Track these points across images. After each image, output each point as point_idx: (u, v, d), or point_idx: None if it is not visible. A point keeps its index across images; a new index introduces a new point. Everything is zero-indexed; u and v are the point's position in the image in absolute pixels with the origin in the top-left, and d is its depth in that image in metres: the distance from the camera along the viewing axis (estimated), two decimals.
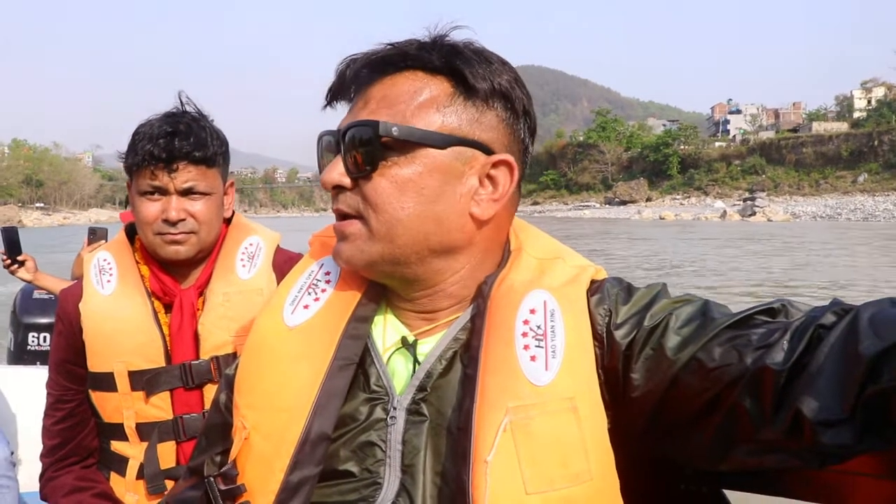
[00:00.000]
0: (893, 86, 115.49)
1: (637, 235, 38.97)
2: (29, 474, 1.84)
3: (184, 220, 1.67)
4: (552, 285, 1.00)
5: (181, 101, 1.74)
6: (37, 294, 4.40)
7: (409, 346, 1.02)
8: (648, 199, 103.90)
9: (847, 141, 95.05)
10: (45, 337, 4.34)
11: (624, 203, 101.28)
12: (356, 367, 1.01)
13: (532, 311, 0.97)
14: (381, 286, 1.07)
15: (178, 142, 1.63)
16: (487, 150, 0.98)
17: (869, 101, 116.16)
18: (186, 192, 1.67)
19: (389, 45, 0.99)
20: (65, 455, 1.75)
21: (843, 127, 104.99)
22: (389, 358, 1.03)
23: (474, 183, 0.99)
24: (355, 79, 0.99)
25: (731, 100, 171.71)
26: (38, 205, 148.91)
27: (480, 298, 1.00)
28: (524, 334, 0.95)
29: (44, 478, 1.77)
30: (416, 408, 0.98)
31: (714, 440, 0.88)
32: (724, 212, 58.67)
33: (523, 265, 1.03)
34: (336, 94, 1.01)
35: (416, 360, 1.01)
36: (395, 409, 0.98)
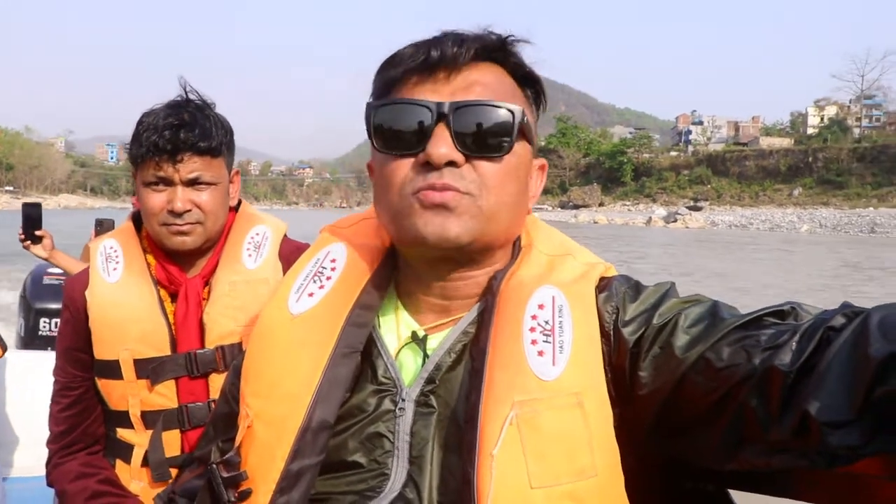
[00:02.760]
0: (844, 105, 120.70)
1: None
2: (38, 458, 1.90)
3: (189, 210, 1.66)
4: (561, 281, 1.01)
5: (184, 90, 1.74)
6: (47, 279, 4.45)
7: (418, 340, 1.02)
8: (601, 204, 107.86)
9: (786, 156, 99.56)
10: (56, 322, 4.27)
11: (577, 207, 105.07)
12: (363, 360, 1.02)
13: (540, 307, 0.97)
14: (388, 274, 1.08)
15: (184, 133, 1.62)
16: (535, 153, 1.05)
17: (822, 119, 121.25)
18: (192, 183, 1.66)
19: (480, 35, 1.00)
20: (71, 441, 1.75)
21: (784, 143, 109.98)
22: (399, 351, 1.03)
23: (528, 180, 1.05)
24: (455, 58, 0.97)
25: (695, 111, 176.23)
26: (7, 188, 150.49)
27: (490, 293, 1.01)
28: (532, 329, 0.95)
29: (50, 463, 1.77)
30: (425, 399, 0.98)
31: (722, 440, 0.88)
32: (650, 218, 62.98)
33: (533, 261, 1.04)
34: (431, 65, 0.97)
35: (425, 354, 1.01)
36: (403, 400, 0.99)
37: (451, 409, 0.97)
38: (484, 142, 0.95)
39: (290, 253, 1.79)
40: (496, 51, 1.00)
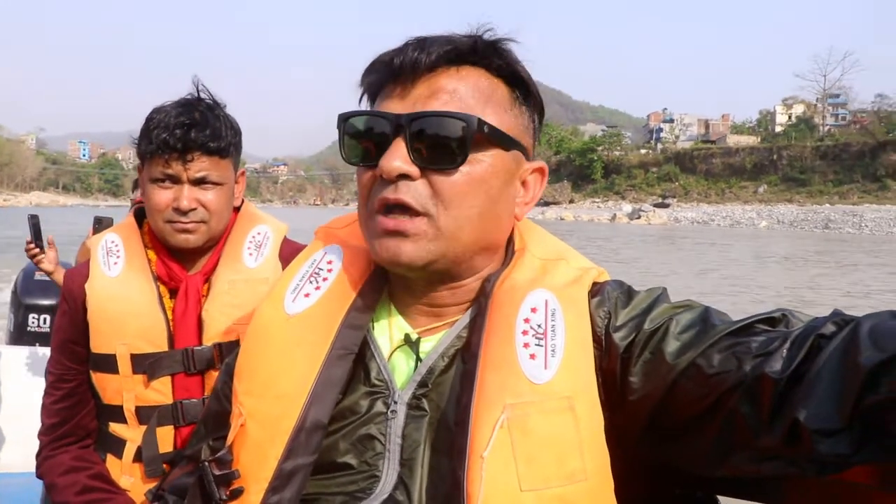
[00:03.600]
0: (811, 104, 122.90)
1: None
2: (25, 455, 1.90)
3: (195, 209, 1.67)
4: (554, 285, 1.00)
5: (196, 88, 1.74)
6: (38, 276, 4.35)
7: (411, 343, 1.02)
8: (571, 201, 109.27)
9: (752, 154, 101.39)
10: (45, 318, 4.32)
11: (547, 204, 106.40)
12: (357, 362, 1.02)
13: (533, 310, 0.97)
14: (383, 277, 1.08)
15: (195, 132, 1.63)
16: (528, 157, 1.04)
17: (789, 117, 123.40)
18: (199, 182, 1.67)
19: (449, 38, 0.98)
20: (63, 434, 1.75)
21: (751, 141, 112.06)
22: (391, 354, 1.03)
23: (518, 186, 1.03)
24: (416, 64, 0.95)
25: (665, 109, 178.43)
26: None
27: (483, 297, 1.00)
28: (524, 332, 0.95)
29: (40, 456, 1.77)
30: (417, 402, 0.98)
31: (712, 446, 0.88)
32: (614, 215, 64.42)
33: (526, 265, 1.03)
34: (396, 73, 0.97)
35: (417, 357, 1.01)
36: (395, 403, 0.99)
37: (443, 412, 0.97)
38: (436, 154, 0.94)
39: (290, 255, 1.77)
40: (471, 54, 0.98)
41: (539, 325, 0.95)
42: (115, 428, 1.74)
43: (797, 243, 35.51)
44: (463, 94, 0.96)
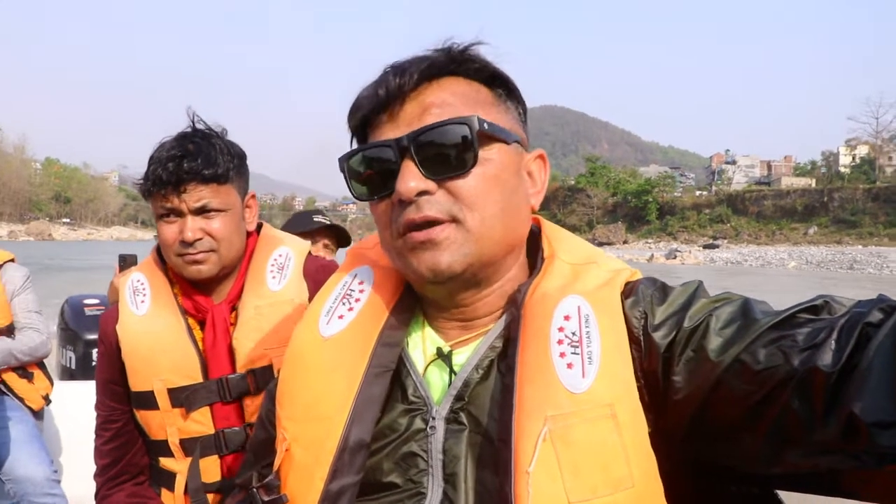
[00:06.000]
0: (877, 145, 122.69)
1: None
2: (88, 489, 1.89)
3: (200, 239, 1.66)
4: (586, 290, 0.99)
5: (192, 120, 1.75)
6: (88, 311, 4.42)
7: (444, 356, 1.02)
8: (625, 242, 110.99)
9: (803, 196, 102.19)
10: None
11: (602, 245, 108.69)
12: (393, 380, 1.02)
13: (566, 318, 0.96)
14: (415, 294, 1.09)
15: (187, 163, 1.62)
16: (525, 147, 1.05)
17: (853, 158, 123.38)
18: (201, 211, 1.66)
19: (423, 57, 1.00)
20: (116, 474, 1.77)
21: (803, 182, 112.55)
22: (426, 369, 1.03)
23: (525, 177, 1.04)
24: (401, 89, 0.98)
25: (728, 150, 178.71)
26: (64, 220, 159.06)
27: (514, 306, 1.00)
28: (560, 342, 0.94)
29: (98, 496, 1.78)
30: (455, 416, 0.98)
31: (764, 443, 0.85)
32: (651, 255, 66.64)
33: (556, 271, 1.02)
34: (383, 102, 0.99)
35: (451, 370, 1.01)
36: (433, 418, 0.99)
37: (482, 424, 0.97)
38: (448, 162, 0.95)
39: (315, 271, 1.82)
40: (448, 64, 1.00)
41: (574, 333, 0.94)
42: (164, 462, 1.75)
43: (813, 280, 37.50)
44: (451, 102, 0.98)
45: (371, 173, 1.00)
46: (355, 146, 1.05)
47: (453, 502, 0.95)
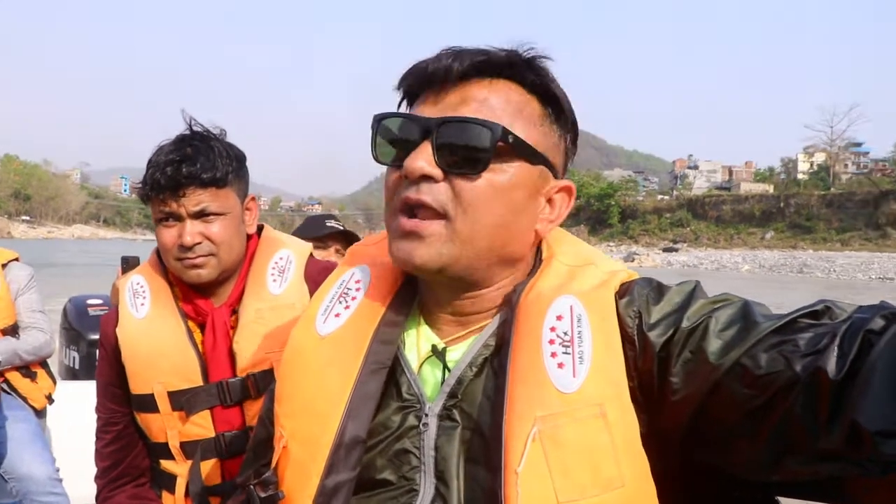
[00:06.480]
0: (832, 153, 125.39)
1: None
2: (91, 488, 1.89)
3: (200, 243, 1.66)
4: (580, 290, 0.99)
5: (189, 123, 1.74)
6: (91, 311, 4.45)
7: (438, 353, 1.03)
8: None
9: (760, 201, 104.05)
10: None
11: None
12: (388, 378, 1.03)
13: (559, 318, 0.96)
14: (412, 291, 1.09)
15: (186, 168, 1.62)
16: (556, 175, 1.03)
17: (811, 165, 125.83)
18: (199, 215, 1.66)
19: (484, 49, 0.99)
20: (117, 476, 1.77)
21: (761, 188, 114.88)
22: (420, 367, 1.04)
23: (543, 202, 1.03)
24: (448, 72, 0.97)
25: (691, 155, 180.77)
26: (24, 218, 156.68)
27: (509, 306, 1.00)
28: (551, 341, 0.94)
29: (99, 497, 1.79)
30: (448, 413, 0.99)
31: (765, 449, 0.84)
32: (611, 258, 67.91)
33: (553, 272, 1.02)
34: (430, 79, 0.99)
35: (445, 367, 1.02)
36: (426, 415, 0.99)
37: (475, 421, 0.97)
38: (460, 159, 0.95)
39: (317, 273, 1.81)
40: (506, 67, 0.99)
41: (565, 333, 0.94)
42: (165, 465, 1.76)
43: (762, 282, 38.69)
44: (493, 104, 0.97)
45: (395, 142, 1.01)
46: (402, 110, 1.06)
47: (445, 499, 0.95)
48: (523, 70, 1.00)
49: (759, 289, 31.77)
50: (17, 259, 3.78)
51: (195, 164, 1.64)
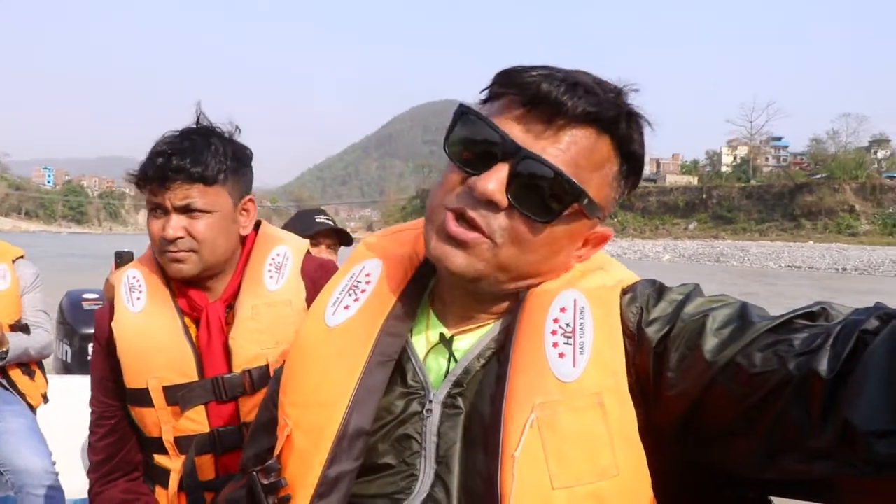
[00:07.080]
0: (753, 146, 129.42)
1: None
2: (84, 482, 1.89)
3: (182, 238, 1.64)
4: (585, 287, 1.01)
5: (197, 117, 1.74)
6: (86, 305, 4.46)
7: (445, 342, 1.04)
8: None
9: (685, 193, 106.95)
10: None
11: None
12: (394, 366, 1.04)
13: (562, 310, 0.98)
14: (423, 283, 1.11)
15: (175, 161, 1.61)
16: (603, 220, 1.04)
17: (734, 158, 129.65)
18: (185, 210, 1.64)
19: (595, 92, 0.94)
20: (110, 470, 1.77)
21: (685, 181, 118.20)
22: (426, 355, 1.05)
23: (580, 244, 1.04)
24: (558, 106, 0.93)
25: None
26: None
27: (517, 302, 1.02)
28: (553, 332, 0.96)
29: (92, 492, 1.78)
30: (452, 401, 1.00)
31: (759, 448, 0.85)
32: None
33: (563, 274, 1.04)
34: (532, 98, 0.94)
35: (452, 356, 1.03)
36: (430, 402, 1.01)
37: (478, 410, 0.98)
38: (531, 200, 0.94)
39: (313, 270, 1.82)
40: (612, 125, 0.97)
41: (568, 324, 0.96)
42: (158, 459, 1.75)
43: (679, 270, 40.14)
44: (579, 159, 0.95)
45: (475, 141, 0.97)
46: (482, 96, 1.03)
47: (446, 484, 0.97)
48: (622, 126, 0.98)
49: (676, 277, 33.08)
50: (22, 256, 3.80)
51: (185, 158, 1.63)
